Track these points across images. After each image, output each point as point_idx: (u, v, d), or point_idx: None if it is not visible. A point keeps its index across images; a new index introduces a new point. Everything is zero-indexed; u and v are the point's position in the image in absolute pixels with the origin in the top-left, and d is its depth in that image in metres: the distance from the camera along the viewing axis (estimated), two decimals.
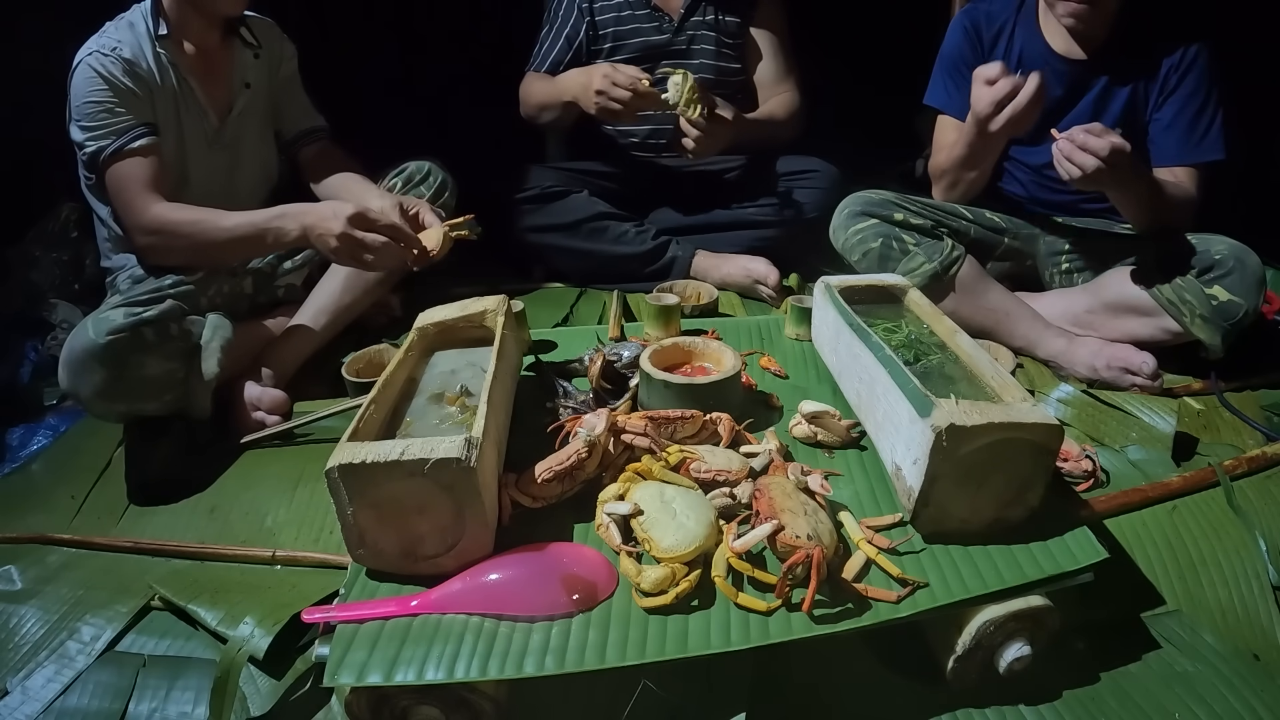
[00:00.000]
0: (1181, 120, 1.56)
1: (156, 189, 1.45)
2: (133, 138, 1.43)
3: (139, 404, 1.36)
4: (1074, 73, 1.62)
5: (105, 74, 1.41)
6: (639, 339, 1.43)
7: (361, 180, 1.68)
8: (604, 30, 2.00)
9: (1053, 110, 1.65)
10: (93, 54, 1.42)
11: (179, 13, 1.49)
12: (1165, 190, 1.50)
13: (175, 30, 1.49)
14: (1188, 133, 1.55)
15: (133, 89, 1.44)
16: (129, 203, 1.45)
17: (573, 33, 2.00)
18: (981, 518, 0.93)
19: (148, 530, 1.28)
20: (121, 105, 1.43)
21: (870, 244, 1.61)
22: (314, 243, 1.46)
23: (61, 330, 1.90)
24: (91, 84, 1.41)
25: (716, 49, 2.01)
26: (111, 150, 1.43)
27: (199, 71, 1.54)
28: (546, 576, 0.87)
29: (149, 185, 1.44)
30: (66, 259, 2.05)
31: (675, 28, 1.99)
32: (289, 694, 0.99)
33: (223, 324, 1.44)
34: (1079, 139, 1.35)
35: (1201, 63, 1.54)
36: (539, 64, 2.04)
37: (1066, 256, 1.72)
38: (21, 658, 1.07)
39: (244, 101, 1.61)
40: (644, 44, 2.00)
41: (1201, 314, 1.45)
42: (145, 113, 1.46)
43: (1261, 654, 1.01)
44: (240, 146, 1.63)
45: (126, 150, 1.43)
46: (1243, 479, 1.25)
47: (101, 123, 1.42)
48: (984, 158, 1.59)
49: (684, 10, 1.98)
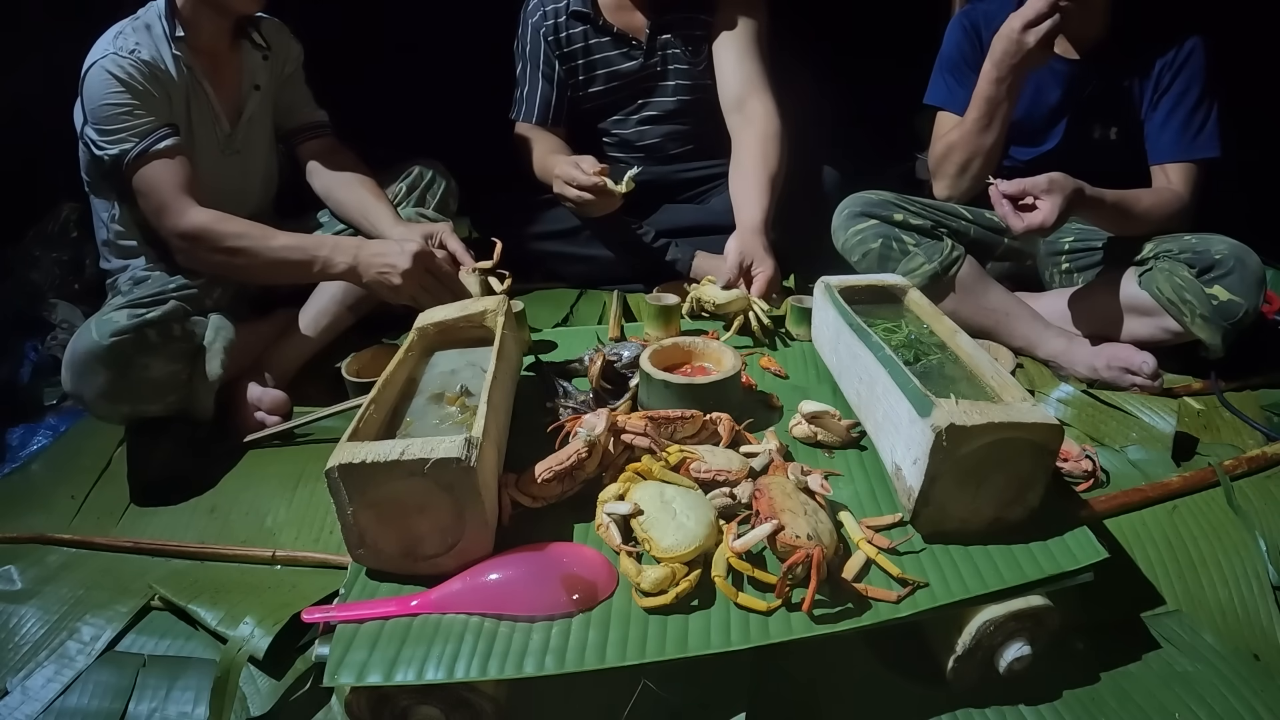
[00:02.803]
0: (1176, 118, 1.56)
1: (190, 192, 1.42)
2: (157, 139, 1.41)
3: (142, 405, 1.36)
4: (1069, 72, 1.62)
5: (124, 76, 1.38)
6: (639, 339, 1.43)
7: (371, 186, 1.65)
8: (574, 63, 1.91)
9: (1049, 110, 1.66)
10: (109, 56, 1.38)
11: (194, 14, 1.47)
12: (1137, 206, 1.51)
13: (190, 33, 1.46)
14: (1182, 130, 1.56)
15: (153, 91, 1.41)
16: (163, 206, 1.41)
17: (548, 70, 1.91)
18: (981, 518, 0.93)
19: (148, 530, 1.28)
20: (143, 107, 1.40)
21: (870, 244, 1.61)
22: (367, 278, 1.42)
23: (61, 330, 1.90)
24: (109, 87, 1.38)
25: (690, 66, 1.91)
26: (136, 153, 1.39)
27: (212, 75, 1.52)
28: (546, 576, 0.87)
29: (183, 188, 1.41)
30: (66, 259, 2.05)
31: (645, 51, 1.89)
32: (289, 694, 0.99)
33: (225, 325, 1.44)
34: (1014, 197, 1.40)
35: (1195, 60, 1.55)
36: (526, 111, 1.94)
37: (1067, 256, 1.72)
38: (21, 658, 1.07)
39: (253, 105, 1.59)
40: (615, 73, 1.91)
41: (1202, 313, 1.45)
42: (166, 114, 1.44)
43: (1261, 654, 1.01)
44: (249, 150, 1.62)
45: (153, 152, 1.40)
46: (1243, 479, 1.25)
47: (123, 125, 1.39)
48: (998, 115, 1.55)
49: (648, 31, 1.87)
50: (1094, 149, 1.66)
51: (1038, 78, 1.62)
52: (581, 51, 1.90)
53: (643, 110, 1.97)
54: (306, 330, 1.61)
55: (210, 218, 1.42)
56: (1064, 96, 1.64)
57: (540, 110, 1.94)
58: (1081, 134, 1.66)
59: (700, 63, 1.93)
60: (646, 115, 1.97)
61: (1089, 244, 1.69)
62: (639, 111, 1.97)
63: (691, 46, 1.90)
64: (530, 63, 1.92)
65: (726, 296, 1.48)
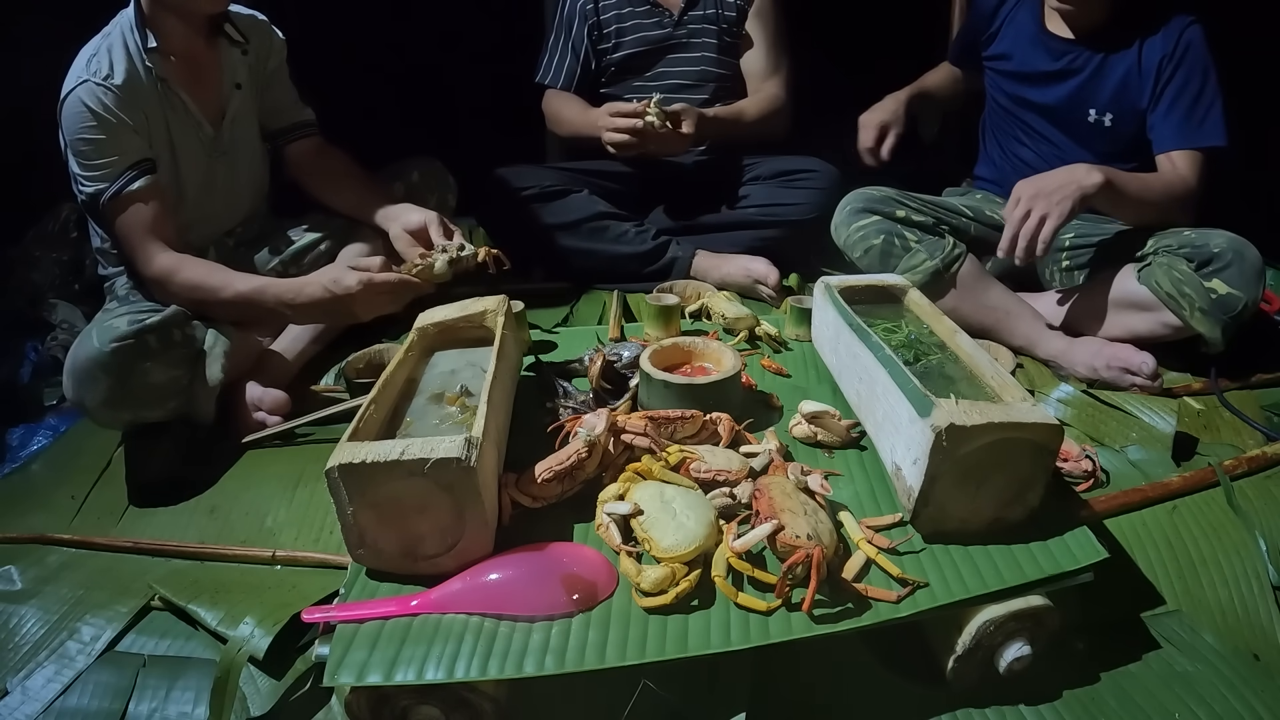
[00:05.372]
0: (1179, 106, 1.57)
1: (159, 234, 1.41)
2: (129, 180, 1.39)
3: (144, 411, 1.36)
4: (1063, 50, 1.64)
5: (98, 108, 1.35)
6: (639, 339, 1.43)
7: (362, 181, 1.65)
8: (607, 29, 2.03)
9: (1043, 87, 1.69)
10: (84, 85, 1.35)
11: (161, 21, 1.42)
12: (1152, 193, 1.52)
13: (161, 40, 1.42)
14: (1186, 118, 1.56)
15: (126, 120, 1.38)
16: (133, 249, 1.42)
17: (578, 39, 2.05)
18: (981, 518, 0.93)
19: (148, 530, 1.28)
20: (116, 143, 1.38)
21: (872, 241, 1.61)
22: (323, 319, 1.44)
23: (62, 330, 1.90)
24: (83, 120, 1.35)
25: (717, 41, 2.03)
26: (110, 195, 1.38)
27: (188, 81, 1.48)
28: (546, 576, 0.87)
29: (151, 230, 1.40)
30: (66, 259, 2.05)
31: (675, 22, 2.02)
32: (289, 694, 0.99)
33: (225, 329, 1.44)
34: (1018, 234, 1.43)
35: (1196, 48, 1.56)
36: (553, 77, 2.09)
37: (1067, 254, 1.72)
38: (21, 658, 1.07)
39: (236, 104, 1.56)
40: (643, 39, 2.03)
41: (1201, 307, 1.45)
42: (141, 146, 1.41)
43: (1261, 654, 1.01)
44: (239, 151, 1.60)
45: (125, 195, 1.39)
46: (1243, 479, 1.25)
47: (96, 164, 1.38)
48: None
49: (683, 5, 2.01)
50: (1085, 132, 1.68)
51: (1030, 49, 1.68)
52: (614, 18, 2.04)
53: (663, 79, 2.05)
54: (305, 332, 1.61)
55: (171, 263, 1.41)
56: (1053, 71, 1.66)
57: (566, 78, 2.08)
58: (1070, 112, 1.68)
59: (725, 42, 2.04)
60: (666, 84, 2.04)
61: (1088, 241, 1.69)
62: (659, 80, 2.05)
63: (720, 25, 2.03)
64: (565, 32, 2.07)
65: (736, 312, 1.48)
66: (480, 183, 1.98)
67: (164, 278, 1.41)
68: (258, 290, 1.41)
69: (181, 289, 1.41)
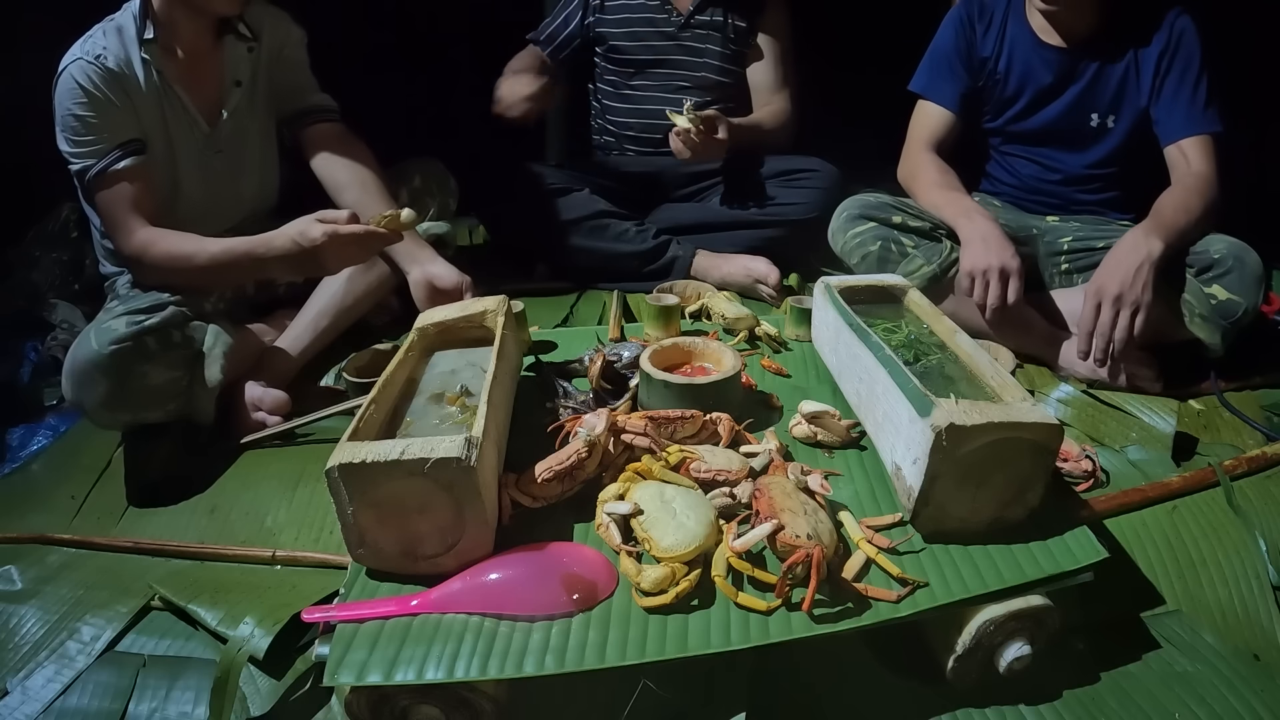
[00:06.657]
0: (1183, 95, 1.57)
1: (141, 211, 1.41)
2: (116, 159, 1.39)
3: (143, 413, 1.36)
4: (1062, 61, 1.64)
5: (88, 85, 1.36)
6: (639, 339, 1.43)
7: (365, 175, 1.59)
8: (613, 17, 2.04)
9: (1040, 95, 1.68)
10: (77, 61, 1.36)
11: (170, 14, 1.43)
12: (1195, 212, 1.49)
13: (164, 33, 1.42)
14: (1190, 105, 1.57)
15: (115, 101, 1.38)
16: (114, 225, 1.42)
17: (573, 12, 2.06)
18: (981, 517, 0.93)
19: (148, 530, 1.28)
20: (105, 121, 1.38)
21: (869, 247, 1.61)
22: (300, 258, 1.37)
23: (62, 330, 1.90)
24: (74, 96, 1.36)
25: (722, 49, 2.03)
26: (96, 171, 1.39)
27: (185, 77, 1.47)
28: (546, 576, 0.87)
29: (133, 207, 1.40)
30: (66, 259, 2.05)
31: (682, 24, 2.02)
32: (289, 694, 0.99)
33: (224, 329, 1.44)
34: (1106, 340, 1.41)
35: (1189, 36, 1.57)
36: (535, 34, 2.11)
37: (1066, 256, 1.72)
38: (21, 658, 1.07)
39: (235, 101, 1.55)
40: (648, 33, 2.04)
41: (1201, 313, 1.45)
42: (130, 127, 1.41)
43: (1261, 654, 1.01)
44: (239, 148, 1.59)
45: (110, 173, 1.39)
46: (1243, 479, 1.25)
47: (85, 140, 1.38)
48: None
49: (692, 8, 2.01)
50: (1086, 137, 1.68)
51: (1028, 65, 1.66)
52: (623, 6, 2.04)
53: (664, 79, 2.05)
54: (305, 332, 1.60)
55: (148, 237, 1.40)
56: (1055, 83, 1.66)
57: (547, 39, 2.09)
58: (1073, 121, 1.68)
59: (731, 51, 2.04)
60: (666, 84, 2.05)
61: (1088, 244, 1.69)
62: (660, 79, 2.05)
63: (727, 34, 2.03)
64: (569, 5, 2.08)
65: (736, 312, 1.48)
66: (481, 182, 1.98)
67: (140, 252, 1.41)
68: (228, 250, 1.40)
69: (158, 261, 1.41)
